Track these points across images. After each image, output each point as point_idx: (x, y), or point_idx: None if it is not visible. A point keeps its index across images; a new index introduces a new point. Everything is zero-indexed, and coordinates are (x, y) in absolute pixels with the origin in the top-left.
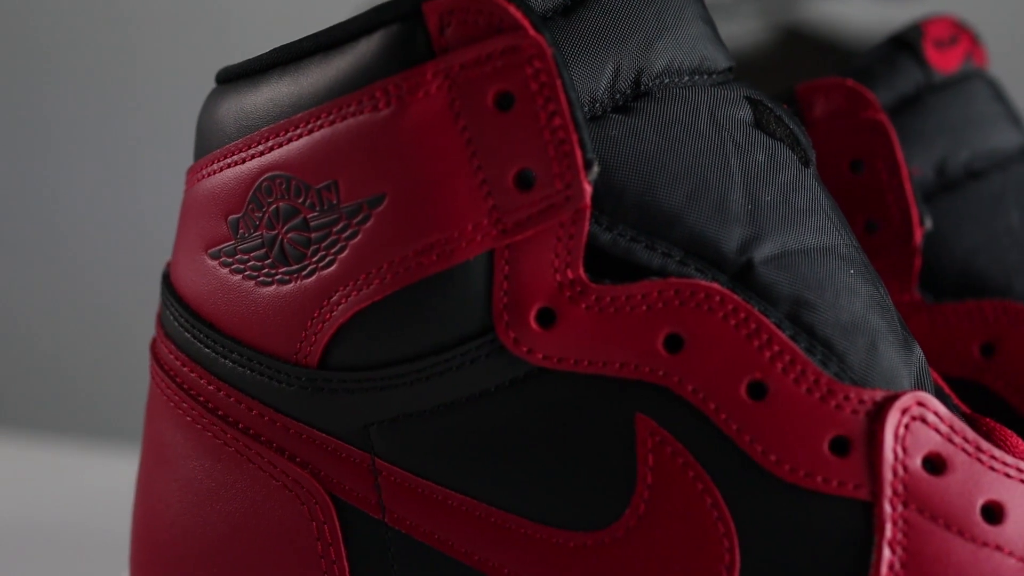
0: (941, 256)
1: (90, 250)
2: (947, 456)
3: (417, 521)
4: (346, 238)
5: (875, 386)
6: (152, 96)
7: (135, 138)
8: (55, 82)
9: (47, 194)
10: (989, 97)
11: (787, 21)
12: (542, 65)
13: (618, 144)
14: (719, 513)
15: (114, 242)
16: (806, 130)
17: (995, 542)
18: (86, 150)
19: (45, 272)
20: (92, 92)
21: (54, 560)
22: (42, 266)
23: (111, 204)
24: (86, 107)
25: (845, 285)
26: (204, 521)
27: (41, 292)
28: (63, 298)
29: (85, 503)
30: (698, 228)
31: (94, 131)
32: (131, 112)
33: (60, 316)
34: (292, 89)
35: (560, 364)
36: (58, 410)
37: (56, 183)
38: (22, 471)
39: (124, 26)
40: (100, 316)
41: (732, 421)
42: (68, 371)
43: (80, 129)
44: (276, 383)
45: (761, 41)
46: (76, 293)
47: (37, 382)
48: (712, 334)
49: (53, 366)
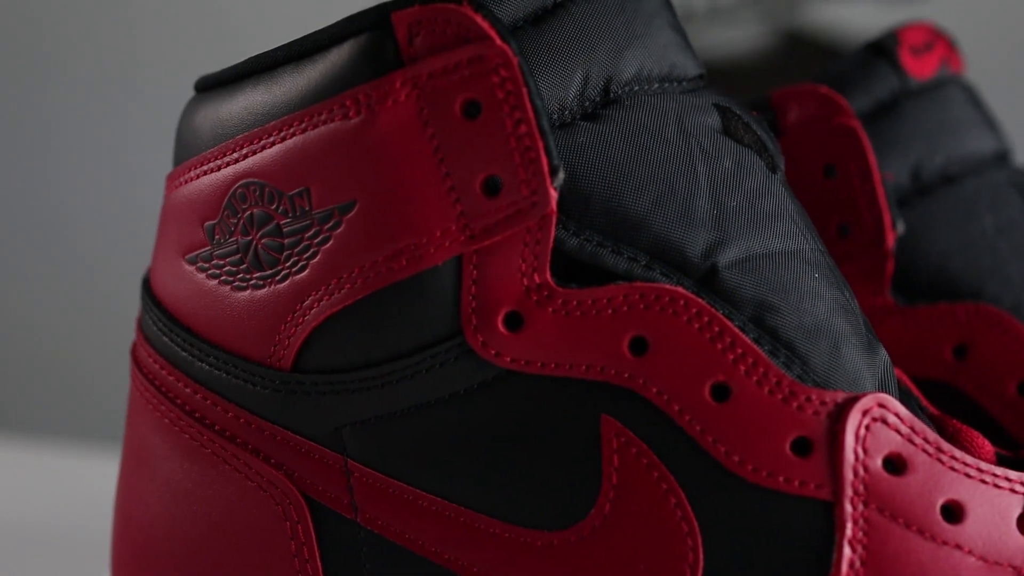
0: (915, 260)
1: (77, 251)
2: (907, 456)
3: (389, 521)
4: (318, 244)
5: (838, 388)
6: (149, 98)
7: (134, 141)
8: (53, 82)
9: (43, 195)
10: (965, 103)
11: (789, 25)
12: (508, 74)
13: (585, 151)
14: (683, 513)
15: (104, 244)
16: (781, 135)
17: (955, 541)
18: (85, 151)
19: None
20: (89, 94)
21: (36, 560)
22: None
23: (105, 206)
24: (84, 109)
25: (809, 289)
26: (182, 521)
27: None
28: (45, 300)
29: (67, 504)
30: (663, 233)
31: (92, 133)
32: (129, 114)
33: (42, 318)
34: (266, 98)
35: (528, 367)
36: (40, 412)
37: (53, 184)
38: (2, 473)
39: (125, 27)
40: (83, 319)
41: (696, 422)
42: (50, 373)
43: (78, 131)
44: (251, 386)
45: (763, 45)
46: (59, 294)
47: (19, 385)
48: (676, 337)
49: (35, 369)
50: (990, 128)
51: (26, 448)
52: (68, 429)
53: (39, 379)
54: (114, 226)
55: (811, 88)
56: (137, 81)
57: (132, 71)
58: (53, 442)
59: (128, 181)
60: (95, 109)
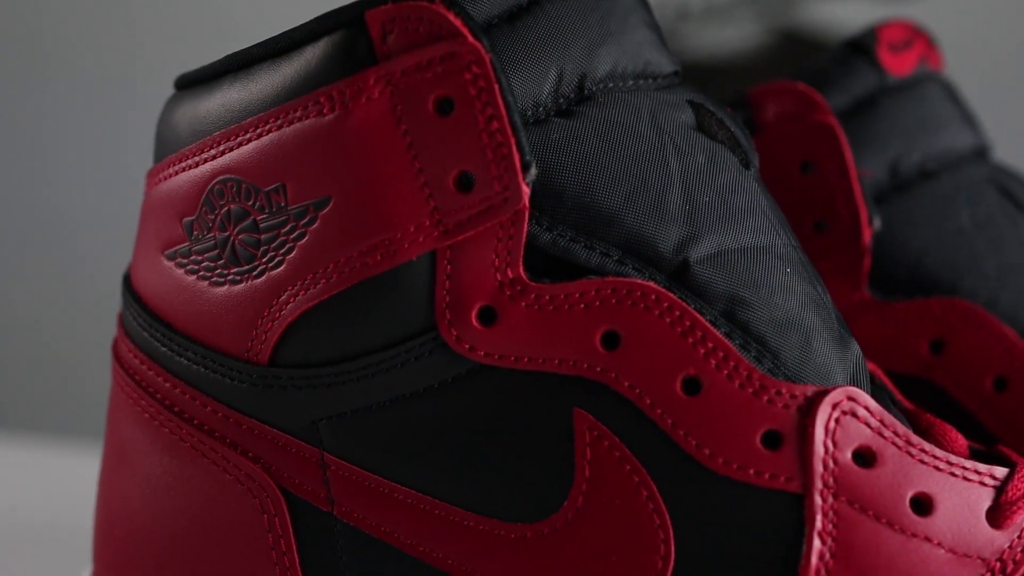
0: (892, 255)
1: (60, 247)
2: (877, 449)
3: (365, 514)
4: (294, 239)
5: (808, 382)
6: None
7: (117, 137)
8: (34, 80)
9: (27, 192)
10: (943, 99)
11: (784, 24)
12: (480, 71)
13: (559, 147)
14: (655, 505)
15: (87, 240)
16: (758, 132)
17: (924, 533)
18: (68, 149)
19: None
20: (71, 91)
21: (19, 554)
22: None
23: (89, 202)
24: (68, 107)
25: (781, 283)
26: (162, 514)
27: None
28: (27, 295)
29: (51, 498)
30: (636, 228)
31: (76, 131)
32: (113, 111)
33: (24, 314)
34: (242, 95)
35: (501, 361)
36: (21, 407)
37: (36, 182)
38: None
39: (110, 23)
40: (65, 315)
41: (667, 416)
42: (32, 369)
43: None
44: (229, 380)
45: (759, 44)
46: (41, 290)
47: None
48: (648, 331)
49: (17, 364)
50: (969, 124)
51: (8, 443)
52: (50, 424)
53: (21, 375)
54: (98, 222)
55: (788, 85)
56: (120, 78)
57: (116, 68)
58: (36, 437)
59: (112, 177)
60: (79, 106)
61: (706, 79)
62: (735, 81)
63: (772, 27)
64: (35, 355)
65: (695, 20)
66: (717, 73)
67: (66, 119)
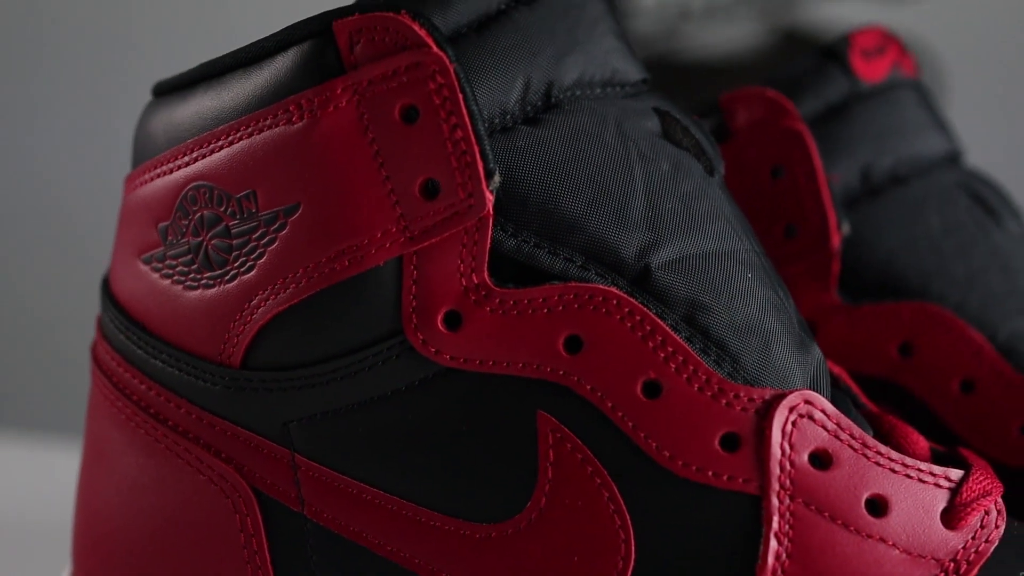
0: (862, 259)
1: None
2: (833, 452)
3: (334, 514)
4: (264, 245)
5: (768, 385)
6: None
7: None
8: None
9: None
10: (915, 105)
11: (785, 23)
12: (444, 80)
13: (524, 154)
14: (615, 507)
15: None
16: (729, 138)
17: (879, 534)
18: (50, 155)
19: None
20: (54, 98)
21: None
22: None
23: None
24: (49, 113)
25: (741, 289)
26: (138, 513)
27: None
28: (8, 298)
29: (31, 497)
30: (598, 234)
31: (59, 136)
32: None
33: (6, 315)
34: (215, 103)
35: (466, 364)
36: (3, 408)
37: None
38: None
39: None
40: (47, 317)
41: (628, 419)
42: (14, 370)
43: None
44: (202, 382)
45: (760, 43)
46: (23, 293)
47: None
48: (609, 336)
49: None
50: (941, 130)
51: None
52: (30, 423)
53: (4, 376)
54: (82, 226)
55: (758, 91)
56: (102, 84)
57: (99, 74)
58: (17, 437)
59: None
60: (62, 112)
61: (707, 78)
62: (736, 80)
63: (773, 27)
64: (16, 355)
65: (696, 19)
66: (718, 72)
67: (51, 125)
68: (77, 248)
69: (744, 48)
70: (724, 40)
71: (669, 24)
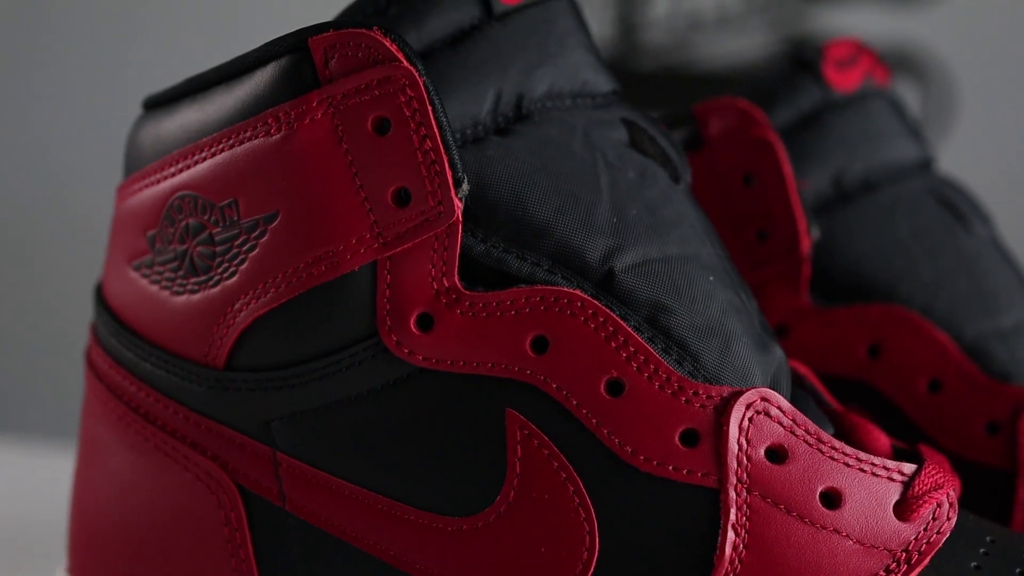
0: (833, 263)
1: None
2: (789, 447)
3: (314, 508)
4: (246, 251)
5: (727, 383)
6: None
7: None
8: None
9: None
10: (888, 114)
11: (796, 33)
12: (414, 93)
13: (494, 163)
14: (580, 500)
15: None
16: (703, 147)
17: (833, 525)
18: (50, 166)
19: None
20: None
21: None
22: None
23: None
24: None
25: (703, 291)
26: (128, 509)
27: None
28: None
29: (31, 496)
30: (565, 240)
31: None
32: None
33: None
34: (199, 116)
35: (438, 364)
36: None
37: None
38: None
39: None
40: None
41: (592, 416)
42: (13, 376)
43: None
44: (189, 383)
45: (770, 54)
46: (23, 301)
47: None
48: (574, 336)
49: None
50: (913, 137)
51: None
52: (29, 427)
53: (6, 381)
54: (80, 234)
55: (730, 101)
56: (102, 96)
57: (100, 86)
58: (15, 439)
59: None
60: (60, 124)
61: (718, 88)
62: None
63: (783, 36)
64: (15, 361)
65: (707, 30)
66: (729, 82)
67: (49, 135)
68: (73, 256)
69: (755, 58)
70: (735, 50)
71: (680, 35)
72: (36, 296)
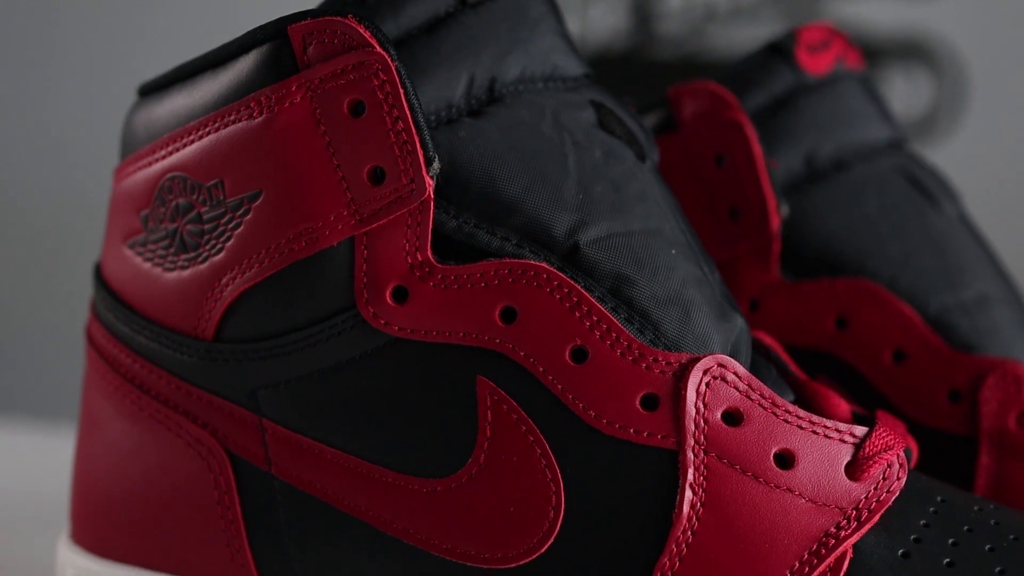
0: (803, 240)
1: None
2: (745, 410)
3: (298, 472)
4: (232, 229)
5: (687, 351)
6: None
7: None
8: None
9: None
10: (859, 96)
11: (810, 23)
12: (387, 77)
13: (466, 144)
14: (547, 462)
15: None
16: (677, 128)
17: (786, 484)
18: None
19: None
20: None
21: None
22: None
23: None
24: (54, 113)
25: (664, 263)
26: (125, 475)
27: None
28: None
29: (37, 467)
30: (532, 215)
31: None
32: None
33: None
34: (187, 101)
35: (413, 334)
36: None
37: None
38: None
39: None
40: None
41: (558, 382)
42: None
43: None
44: (180, 355)
45: None
46: (26, 283)
47: None
48: (540, 307)
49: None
50: (884, 118)
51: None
52: (33, 403)
53: (11, 362)
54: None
55: (703, 85)
56: (103, 86)
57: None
58: (20, 416)
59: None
60: (61, 113)
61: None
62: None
63: (796, 26)
64: (19, 342)
65: (722, 20)
66: None
67: (50, 122)
68: (75, 236)
69: None
70: (749, 40)
71: (695, 25)
72: (41, 274)
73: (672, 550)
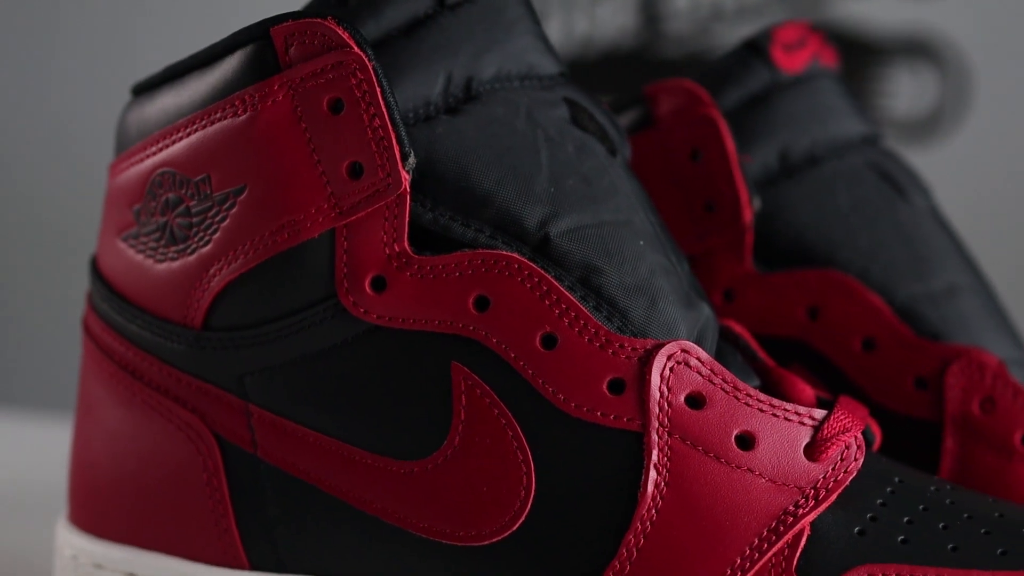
0: (776, 232)
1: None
2: (707, 393)
3: (283, 455)
4: (218, 222)
5: (653, 338)
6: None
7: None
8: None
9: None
10: (833, 93)
11: (815, 20)
12: (364, 76)
13: (442, 140)
14: (518, 444)
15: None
16: (653, 125)
17: (747, 465)
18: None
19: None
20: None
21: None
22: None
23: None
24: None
25: (632, 254)
26: (119, 458)
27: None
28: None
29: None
30: (505, 208)
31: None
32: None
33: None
34: (176, 100)
35: (391, 323)
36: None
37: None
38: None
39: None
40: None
41: (528, 367)
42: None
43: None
44: (170, 343)
45: None
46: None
47: None
48: (512, 295)
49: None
50: (857, 114)
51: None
52: (31, 393)
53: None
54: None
55: (678, 83)
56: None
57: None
58: (18, 406)
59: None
60: (64, 113)
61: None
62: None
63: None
64: (18, 334)
65: (728, 19)
66: None
67: (48, 121)
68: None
69: None
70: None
71: (702, 24)
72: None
73: (637, 527)
